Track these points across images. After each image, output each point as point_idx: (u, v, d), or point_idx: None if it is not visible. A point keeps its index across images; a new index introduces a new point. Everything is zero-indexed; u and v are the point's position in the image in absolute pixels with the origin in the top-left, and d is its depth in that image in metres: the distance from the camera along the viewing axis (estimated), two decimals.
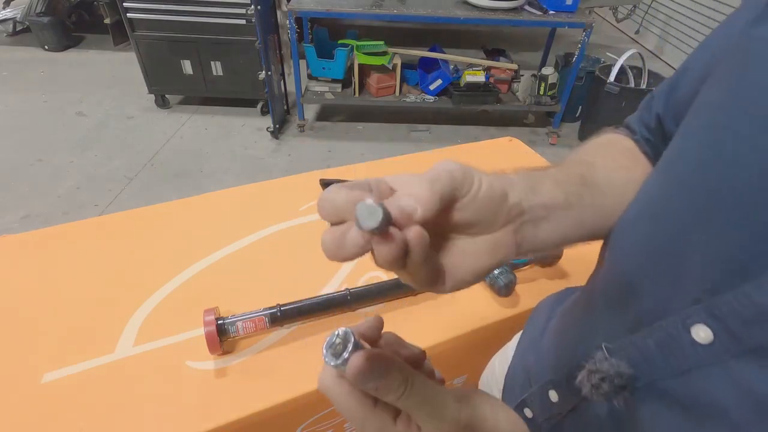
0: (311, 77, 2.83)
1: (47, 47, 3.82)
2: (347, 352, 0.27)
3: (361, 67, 2.68)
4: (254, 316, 0.76)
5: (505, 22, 2.55)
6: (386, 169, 1.27)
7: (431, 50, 2.83)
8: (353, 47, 2.67)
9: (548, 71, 2.79)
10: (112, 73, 3.53)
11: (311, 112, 3.09)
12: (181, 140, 2.76)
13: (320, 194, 0.26)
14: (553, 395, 0.40)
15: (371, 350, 0.28)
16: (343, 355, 0.27)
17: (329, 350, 0.27)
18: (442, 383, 0.35)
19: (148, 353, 0.76)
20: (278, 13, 2.66)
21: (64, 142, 2.68)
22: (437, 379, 0.36)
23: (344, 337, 0.28)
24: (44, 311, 0.82)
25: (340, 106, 3.10)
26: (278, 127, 2.78)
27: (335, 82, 2.82)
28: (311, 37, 2.85)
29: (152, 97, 3.00)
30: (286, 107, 3.00)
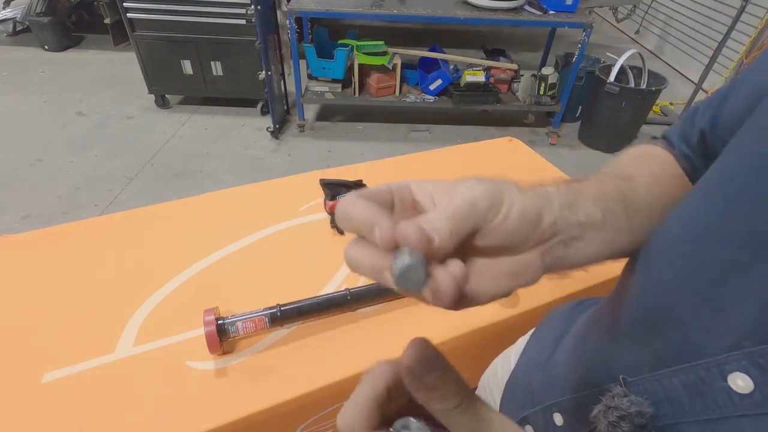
0: (311, 77, 2.83)
1: (47, 47, 3.82)
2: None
3: (361, 67, 2.68)
4: (254, 316, 0.76)
5: (505, 22, 2.55)
6: (386, 169, 1.27)
7: (431, 50, 2.83)
8: (353, 47, 2.67)
9: (548, 71, 2.79)
10: (112, 73, 3.53)
11: (311, 112, 3.09)
12: (181, 140, 2.76)
13: (338, 201, 0.24)
14: (558, 418, 0.38)
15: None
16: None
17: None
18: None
19: (148, 353, 0.76)
20: (278, 13, 2.66)
21: (64, 142, 2.68)
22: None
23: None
24: (44, 311, 0.82)
25: (340, 106, 3.10)
26: (278, 127, 2.78)
27: (335, 82, 2.82)
28: (311, 37, 2.85)
29: (152, 97, 3.00)
30: (286, 107, 3.00)
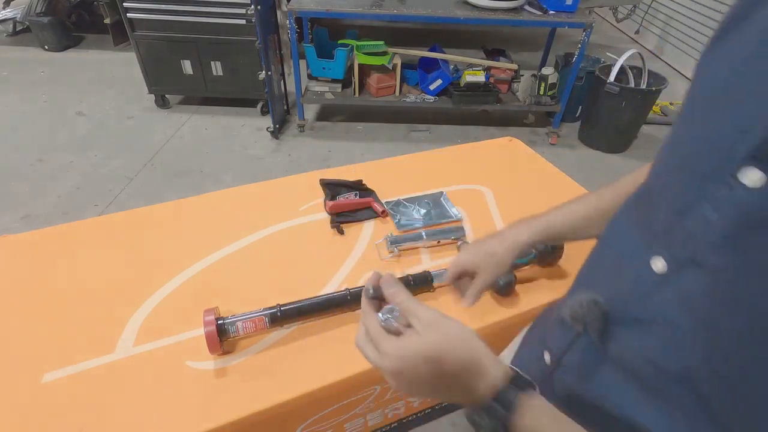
0: (311, 77, 2.83)
1: (47, 47, 3.82)
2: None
3: (361, 67, 2.68)
4: (254, 316, 0.76)
5: (505, 22, 2.55)
6: (386, 169, 1.27)
7: (431, 50, 2.83)
8: (353, 47, 2.67)
9: (548, 71, 2.79)
10: (112, 73, 3.53)
11: (311, 112, 3.09)
12: (181, 140, 2.75)
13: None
14: (546, 356, 0.48)
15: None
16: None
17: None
18: None
19: (148, 353, 0.76)
20: (278, 13, 2.66)
21: (64, 142, 2.68)
22: None
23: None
24: (44, 311, 0.82)
25: (340, 106, 3.10)
26: (278, 127, 2.78)
27: (335, 82, 2.82)
28: (311, 37, 2.85)
29: (152, 97, 3.00)
30: (286, 107, 3.00)
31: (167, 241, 0.99)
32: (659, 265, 0.33)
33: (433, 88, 2.80)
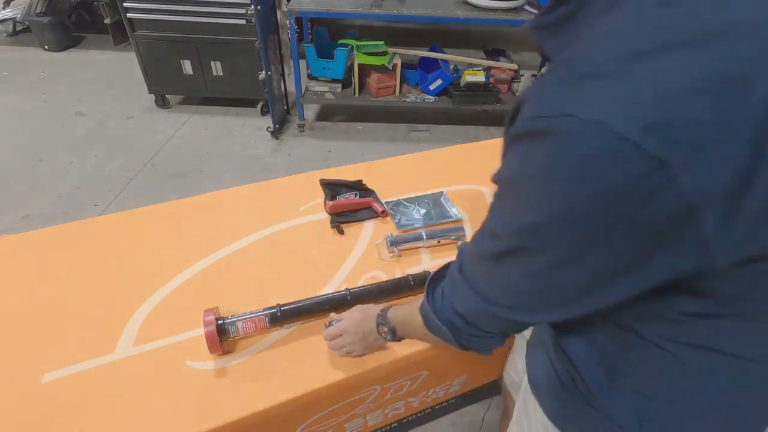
0: (311, 77, 2.83)
1: (47, 47, 3.82)
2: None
3: (361, 67, 2.68)
4: (254, 316, 0.76)
5: (505, 22, 2.55)
6: (386, 169, 1.27)
7: (431, 50, 2.83)
8: (353, 47, 2.67)
9: None
10: (112, 73, 3.53)
11: (311, 112, 3.09)
12: (181, 140, 2.75)
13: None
14: None
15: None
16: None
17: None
18: None
19: (148, 353, 0.76)
20: (278, 13, 2.66)
21: (64, 142, 2.68)
22: None
23: None
24: (44, 311, 0.82)
25: (340, 106, 3.10)
26: (278, 127, 2.78)
27: (335, 82, 2.82)
28: (311, 37, 2.85)
29: (152, 97, 3.00)
30: (286, 107, 3.00)
31: (167, 241, 0.99)
32: None
33: (433, 88, 2.79)
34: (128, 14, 2.60)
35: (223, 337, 0.74)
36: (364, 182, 1.17)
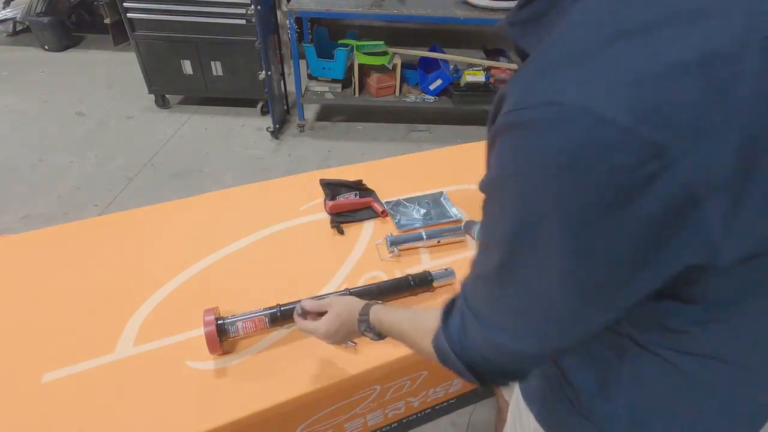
0: (311, 77, 2.83)
1: (47, 47, 3.82)
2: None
3: (361, 67, 2.68)
4: (254, 316, 0.76)
5: None
6: (386, 169, 1.27)
7: (431, 50, 2.83)
8: (353, 47, 2.67)
9: None
10: (112, 73, 3.53)
11: (311, 112, 3.09)
12: (181, 140, 2.75)
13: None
14: None
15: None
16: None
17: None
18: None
19: (148, 353, 0.76)
20: (278, 13, 2.66)
21: (64, 142, 2.68)
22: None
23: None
24: (44, 311, 0.82)
25: (340, 106, 3.10)
26: (278, 127, 2.78)
27: (335, 82, 2.82)
28: (311, 37, 2.85)
29: (152, 97, 3.00)
30: (286, 107, 3.00)
31: (167, 241, 0.99)
32: None
33: (433, 88, 2.79)
34: (128, 14, 2.60)
35: (223, 337, 0.74)
36: (364, 182, 1.17)
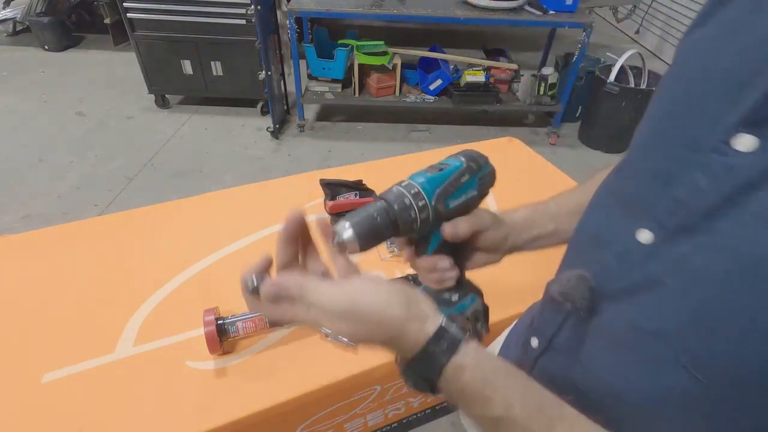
0: (311, 77, 2.83)
1: (47, 47, 3.82)
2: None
3: (361, 67, 2.68)
4: (254, 316, 0.76)
5: (505, 22, 2.55)
6: (386, 169, 1.27)
7: (431, 50, 2.83)
8: (353, 47, 2.67)
9: (548, 71, 2.78)
10: (112, 73, 3.53)
11: (311, 112, 3.09)
12: (181, 140, 2.76)
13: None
14: (534, 341, 0.47)
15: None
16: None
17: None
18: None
19: (148, 353, 0.76)
20: (278, 13, 2.66)
21: (64, 142, 2.68)
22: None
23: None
24: (44, 311, 0.82)
25: (340, 106, 3.10)
26: (278, 127, 2.78)
27: (335, 82, 2.82)
28: (311, 37, 2.85)
29: (152, 97, 3.00)
30: (286, 107, 3.00)
31: (167, 241, 0.99)
32: (645, 236, 0.33)
33: (433, 88, 2.80)
34: (128, 14, 2.60)
35: (223, 337, 0.74)
36: (364, 182, 1.17)
